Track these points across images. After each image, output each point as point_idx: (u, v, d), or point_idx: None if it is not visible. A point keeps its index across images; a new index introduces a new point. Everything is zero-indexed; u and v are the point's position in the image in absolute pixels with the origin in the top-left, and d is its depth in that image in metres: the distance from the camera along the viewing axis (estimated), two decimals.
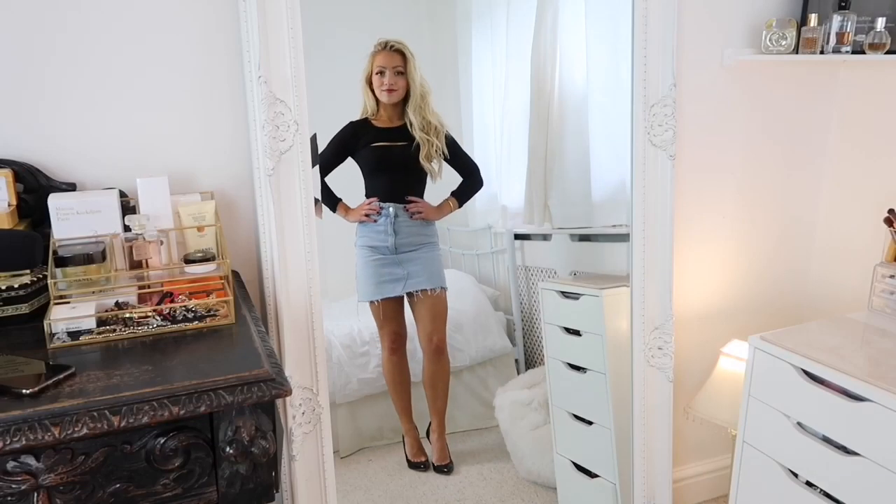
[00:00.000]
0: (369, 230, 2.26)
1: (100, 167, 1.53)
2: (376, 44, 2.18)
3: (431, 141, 2.21)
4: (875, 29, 1.85)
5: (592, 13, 2.19)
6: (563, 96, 2.32)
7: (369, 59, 2.19)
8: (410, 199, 2.26)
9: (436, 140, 2.22)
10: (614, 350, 2.06)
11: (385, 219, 2.24)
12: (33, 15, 1.43)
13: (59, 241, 1.34)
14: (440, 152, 2.24)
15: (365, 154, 2.21)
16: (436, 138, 2.22)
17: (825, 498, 1.61)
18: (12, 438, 0.94)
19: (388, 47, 2.17)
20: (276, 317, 1.62)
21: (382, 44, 2.17)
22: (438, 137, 2.23)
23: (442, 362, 2.41)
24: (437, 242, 2.34)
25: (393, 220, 2.24)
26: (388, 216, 2.24)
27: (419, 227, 2.29)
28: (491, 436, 2.49)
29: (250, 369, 1.09)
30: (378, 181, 2.24)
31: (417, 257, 2.29)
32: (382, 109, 2.21)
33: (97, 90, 1.51)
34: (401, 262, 2.28)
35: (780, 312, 2.31)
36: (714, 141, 2.09)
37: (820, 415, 1.61)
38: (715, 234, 2.18)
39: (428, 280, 2.31)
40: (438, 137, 2.23)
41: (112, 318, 1.25)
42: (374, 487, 2.30)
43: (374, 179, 2.24)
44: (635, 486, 2.07)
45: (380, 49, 2.17)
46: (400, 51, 2.17)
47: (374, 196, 2.24)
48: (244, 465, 1.08)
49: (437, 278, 2.34)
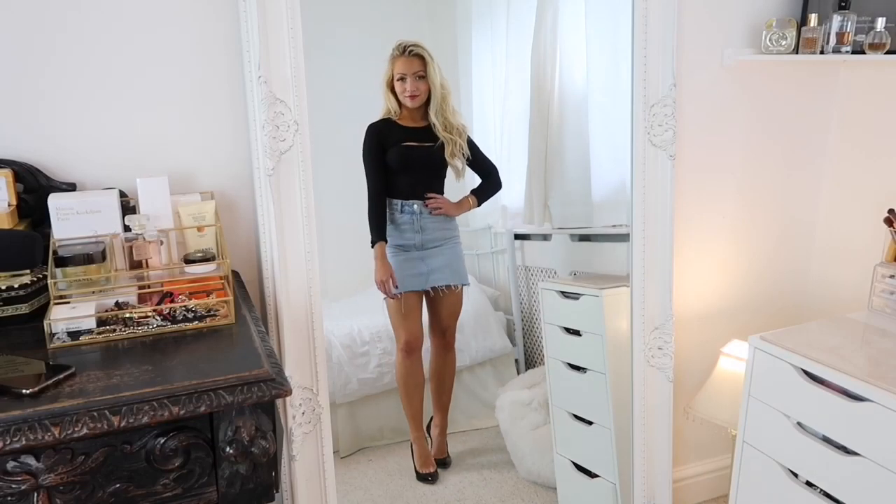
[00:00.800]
0: (395, 229, 2.28)
1: (100, 167, 1.53)
2: (395, 47, 2.18)
3: (455, 140, 2.24)
4: (875, 29, 1.85)
5: (592, 13, 2.19)
6: (563, 96, 2.32)
7: (389, 63, 2.19)
8: (430, 196, 2.27)
9: (459, 140, 2.24)
10: (614, 350, 2.06)
11: (411, 216, 2.26)
12: (33, 15, 1.43)
13: (59, 241, 1.34)
14: (463, 151, 2.26)
15: (394, 153, 2.22)
16: (459, 138, 2.25)
17: (825, 498, 1.61)
18: (12, 438, 0.94)
19: (407, 52, 2.17)
20: (276, 317, 1.62)
21: (401, 48, 2.17)
22: (462, 137, 2.25)
23: (450, 357, 2.43)
24: (459, 238, 2.36)
25: (419, 218, 2.26)
26: (415, 214, 2.26)
27: (443, 222, 2.31)
28: (491, 436, 2.49)
29: (250, 369, 1.09)
30: (404, 179, 2.25)
31: (441, 253, 2.32)
32: (405, 110, 2.23)
33: (97, 90, 1.51)
34: (424, 258, 2.30)
35: (780, 312, 2.31)
36: (714, 141, 2.09)
37: (820, 415, 1.60)
38: (715, 233, 2.18)
39: (452, 276, 2.33)
40: (462, 137, 2.25)
41: (112, 318, 1.25)
42: (374, 487, 2.30)
43: (399, 178, 2.25)
44: (635, 486, 2.07)
45: (398, 54, 2.18)
46: (419, 55, 2.17)
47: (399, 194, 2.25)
48: (244, 465, 1.08)
49: (461, 275, 2.36)
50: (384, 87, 2.21)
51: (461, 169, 2.28)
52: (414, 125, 2.23)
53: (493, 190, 2.37)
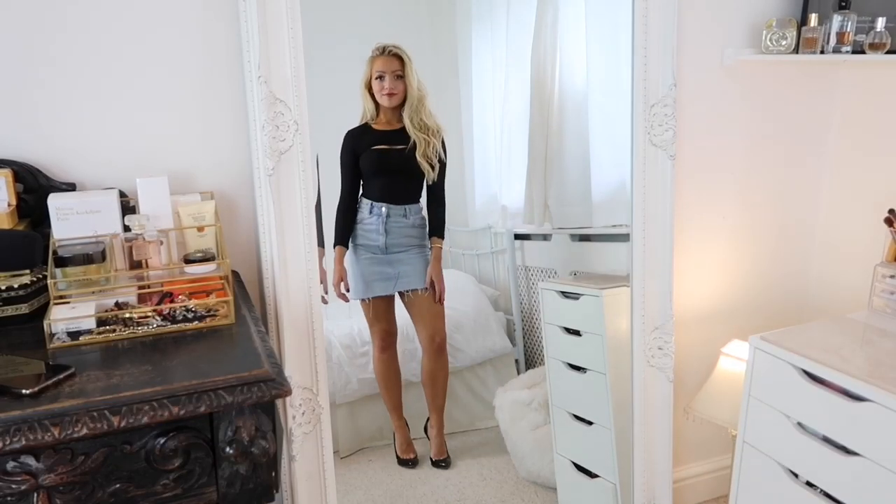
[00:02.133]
0: (362, 229, 2.28)
1: (100, 167, 1.53)
2: (374, 48, 2.19)
3: (428, 140, 2.23)
4: (875, 29, 1.85)
5: (592, 13, 2.19)
6: (563, 96, 2.32)
7: (368, 63, 2.20)
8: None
9: (433, 139, 2.24)
10: (614, 350, 2.06)
11: (377, 218, 2.26)
12: (33, 15, 1.43)
13: (58, 241, 1.34)
14: (436, 152, 2.25)
15: (366, 158, 2.23)
16: (433, 138, 2.24)
17: (825, 498, 1.61)
18: (12, 438, 0.94)
19: (387, 52, 2.19)
20: (276, 317, 1.62)
21: (381, 48, 2.19)
22: (436, 137, 2.24)
23: (442, 360, 2.42)
24: (427, 245, 2.36)
25: (385, 220, 2.26)
26: (381, 216, 2.26)
27: (408, 228, 2.31)
28: (491, 436, 2.48)
29: (250, 369, 1.09)
30: (375, 182, 2.26)
31: (406, 257, 2.32)
32: (382, 113, 2.23)
33: (97, 90, 1.51)
34: (391, 261, 2.30)
35: (780, 312, 2.31)
36: (714, 141, 2.09)
37: (820, 415, 1.60)
38: (715, 233, 2.18)
39: (419, 279, 2.32)
40: (436, 137, 2.24)
41: (112, 318, 1.25)
42: (374, 487, 2.30)
43: (371, 181, 2.26)
44: (635, 486, 2.07)
45: (378, 54, 2.19)
46: (398, 55, 2.19)
47: (370, 195, 2.26)
48: (244, 465, 1.08)
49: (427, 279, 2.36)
50: (362, 88, 2.22)
51: (433, 170, 2.26)
52: (389, 128, 2.23)
53: (444, 218, 2.37)
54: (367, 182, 2.26)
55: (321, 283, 1.95)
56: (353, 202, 2.26)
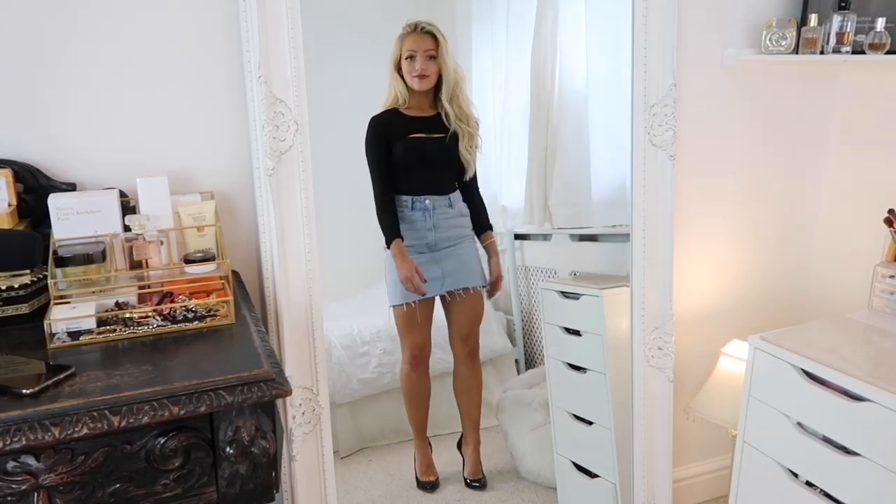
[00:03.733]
0: (407, 227, 2.09)
1: (100, 167, 1.53)
2: (405, 25, 2.01)
3: (472, 133, 2.06)
4: (875, 29, 1.85)
5: (592, 13, 2.19)
6: (563, 96, 2.32)
7: (397, 42, 2.03)
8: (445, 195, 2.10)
9: (476, 133, 2.07)
10: (614, 350, 2.06)
11: (423, 213, 2.07)
12: (34, 15, 1.43)
13: (59, 241, 1.34)
14: (477, 146, 2.09)
15: (401, 147, 2.03)
16: (475, 130, 2.07)
17: (825, 498, 1.61)
18: (12, 438, 0.94)
19: (419, 29, 2.00)
20: (276, 317, 1.62)
21: (412, 25, 2.01)
22: (476, 130, 2.08)
23: (475, 367, 2.27)
24: (473, 236, 2.18)
25: (432, 214, 2.08)
26: (427, 210, 2.07)
27: (457, 218, 2.13)
28: (491, 436, 2.48)
29: (250, 369, 1.09)
30: (414, 175, 2.08)
31: (455, 253, 2.13)
32: (413, 97, 2.04)
33: (97, 90, 1.51)
34: (438, 259, 2.12)
35: (780, 312, 2.31)
36: (714, 141, 2.09)
37: (820, 415, 1.60)
38: (715, 233, 2.18)
39: (468, 278, 2.15)
40: (476, 130, 2.08)
41: (112, 318, 1.25)
42: (374, 487, 2.30)
43: (409, 173, 2.08)
44: (635, 486, 2.07)
45: (409, 31, 2.01)
46: (431, 33, 2.01)
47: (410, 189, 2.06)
48: (244, 465, 1.08)
49: (478, 276, 2.20)
50: (391, 69, 2.03)
51: (472, 163, 2.10)
52: (422, 115, 2.05)
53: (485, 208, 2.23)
54: (404, 174, 2.07)
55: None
56: (391, 197, 2.04)
